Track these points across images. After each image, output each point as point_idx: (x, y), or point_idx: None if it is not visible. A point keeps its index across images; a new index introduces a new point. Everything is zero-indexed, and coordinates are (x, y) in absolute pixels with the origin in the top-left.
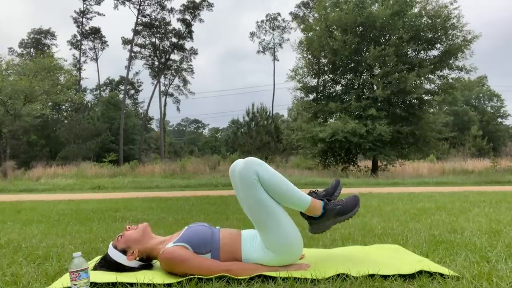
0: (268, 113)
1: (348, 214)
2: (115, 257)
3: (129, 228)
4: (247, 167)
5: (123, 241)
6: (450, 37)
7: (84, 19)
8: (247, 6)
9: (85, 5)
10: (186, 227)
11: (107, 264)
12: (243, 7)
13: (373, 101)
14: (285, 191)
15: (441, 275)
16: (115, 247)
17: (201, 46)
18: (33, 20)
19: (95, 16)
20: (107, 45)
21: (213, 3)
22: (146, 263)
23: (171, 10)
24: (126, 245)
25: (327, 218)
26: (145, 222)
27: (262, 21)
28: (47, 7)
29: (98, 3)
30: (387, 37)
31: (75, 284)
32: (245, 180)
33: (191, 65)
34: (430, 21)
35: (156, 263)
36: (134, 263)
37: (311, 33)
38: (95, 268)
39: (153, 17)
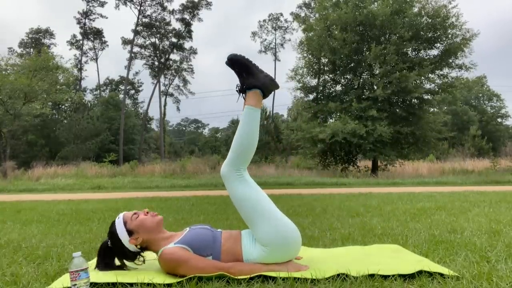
0: (268, 113)
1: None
2: (119, 232)
3: (147, 213)
4: (223, 166)
5: (136, 224)
6: (450, 36)
7: (86, 20)
8: (259, 7)
9: (88, 7)
10: (188, 229)
11: (111, 235)
12: (256, 8)
13: (373, 101)
14: (244, 143)
15: (441, 275)
16: (125, 224)
17: (210, 46)
18: (47, 20)
19: (97, 17)
20: (107, 45)
21: (211, 2)
22: (142, 251)
23: (172, 12)
24: (136, 229)
25: (255, 78)
26: (160, 215)
27: (264, 21)
28: (60, 7)
29: (101, 5)
30: (387, 36)
31: (75, 284)
32: (225, 178)
33: (191, 65)
34: (430, 21)
35: (148, 260)
36: (132, 248)
37: (312, 33)
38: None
39: (154, 17)
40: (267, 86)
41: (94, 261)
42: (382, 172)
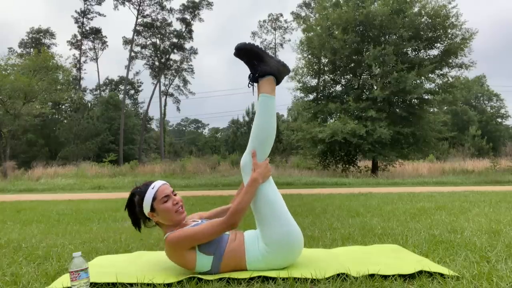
0: None
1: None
2: (145, 202)
3: (176, 204)
4: (244, 156)
5: (161, 208)
6: (450, 36)
7: (85, 19)
8: (264, 8)
9: (85, 5)
10: (200, 221)
11: (138, 195)
12: (261, 8)
13: (373, 102)
14: (263, 133)
15: (441, 275)
16: (154, 199)
17: (212, 47)
18: (53, 20)
19: (96, 16)
20: (107, 45)
21: (212, 2)
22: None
23: (171, 11)
24: (158, 211)
25: (268, 64)
26: (185, 213)
27: (264, 21)
28: (67, 7)
29: (99, 3)
30: (387, 37)
31: (74, 284)
32: (244, 170)
33: (191, 65)
34: (429, 20)
35: (148, 260)
36: (147, 217)
37: (312, 33)
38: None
39: (153, 17)
40: (280, 71)
41: (94, 261)
42: (382, 172)
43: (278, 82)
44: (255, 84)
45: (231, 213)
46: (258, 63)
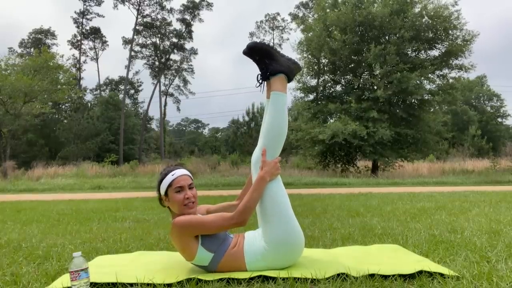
0: None
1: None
2: (162, 186)
3: (186, 198)
4: (256, 151)
5: (171, 196)
6: (450, 37)
7: (84, 20)
8: (270, 8)
9: (85, 6)
10: (208, 215)
11: (159, 179)
12: (267, 8)
13: (374, 102)
14: (276, 131)
15: (441, 275)
16: (169, 186)
17: (214, 47)
18: (58, 20)
19: (95, 17)
20: (107, 45)
21: (212, 3)
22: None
23: (171, 11)
24: (169, 198)
25: (279, 63)
26: (194, 209)
27: (261, 21)
28: (74, 7)
29: (99, 4)
30: (387, 37)
31: (75, 284)
32: (255, 165)
33: (191, 65)
34: (430, 21)
35: (147, 260)
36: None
37: (311, 33)
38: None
39: (153, 17)
40: (291, 69)
41: (94, 261)
42: (382, 172)
43: (289, 80)
44: (264, 83)
45: (240, 211)
46: (270, 61)
